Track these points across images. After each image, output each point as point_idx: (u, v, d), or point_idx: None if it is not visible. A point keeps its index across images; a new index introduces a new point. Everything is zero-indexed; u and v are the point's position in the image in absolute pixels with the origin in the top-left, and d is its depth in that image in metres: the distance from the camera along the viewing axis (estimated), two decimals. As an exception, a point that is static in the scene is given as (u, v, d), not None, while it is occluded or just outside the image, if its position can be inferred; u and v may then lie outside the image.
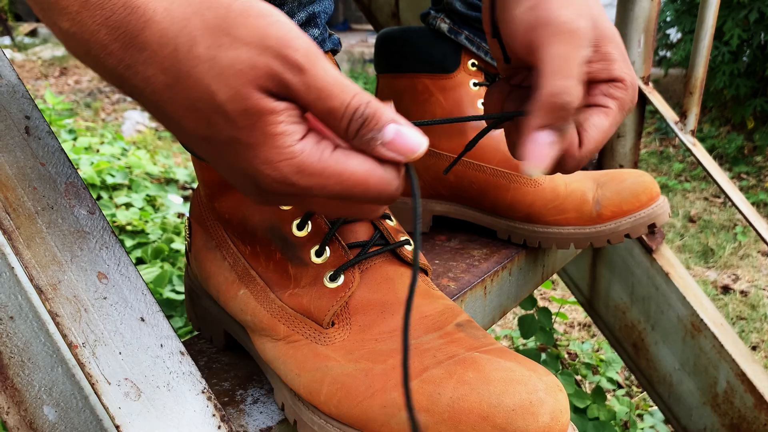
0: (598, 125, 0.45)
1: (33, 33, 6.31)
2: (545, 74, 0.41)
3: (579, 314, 1.91)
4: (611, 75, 0.45)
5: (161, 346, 0.43)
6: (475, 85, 0.77)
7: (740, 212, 0.95)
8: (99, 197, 1.71)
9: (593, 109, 0.45)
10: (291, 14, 0.43)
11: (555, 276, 1.98)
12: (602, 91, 0.45)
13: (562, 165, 0.45)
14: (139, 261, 1.41)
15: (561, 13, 0.42)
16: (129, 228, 1.53)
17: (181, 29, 0.33)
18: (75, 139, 2.18)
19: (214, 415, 0.42)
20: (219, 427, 0.42)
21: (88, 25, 0.32)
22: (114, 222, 1.53)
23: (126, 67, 0.33)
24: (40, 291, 0.40)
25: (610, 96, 0.45)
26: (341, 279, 0.46)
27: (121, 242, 1.45)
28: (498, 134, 0.76)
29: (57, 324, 0.40)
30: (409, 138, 0.36)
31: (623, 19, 0.98)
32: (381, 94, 0.80)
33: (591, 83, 0.46)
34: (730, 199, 0.96)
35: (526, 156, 0.41)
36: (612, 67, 0.45)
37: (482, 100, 0.77)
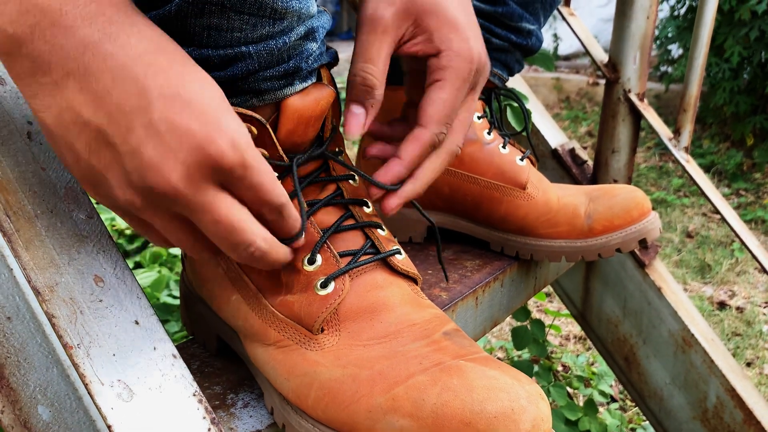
0: (435, 99, 0.51)
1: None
2: (353, 58, 0.51)
3: (575, 327, 1.91)
4: (434, 48, 0.51)
5: (154, 348, 0.44)
6: (471, 98, 0.78)
7: (731, 228, 0.96)
8: (98, 215, 1.71)
9: (430, 86, 0.52)
10: (290, 29, 0.44)
11: (550, 289, 1.99)
12: (434, 66, 0.52)
13: (411, 143, 0.51)
14: (137, 265, 1.42)
15: (368, 5, 0.51)
16: (128, 232, 1.54)
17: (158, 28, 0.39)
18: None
19: (204, 418, 0.43)
20: (209, 430, 0.43)
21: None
22: (113, 226, 1.54)
23: (105, 35, 0.36)
24: (37, 292, 0.41)
25: (440, 68, 0.51)
26: (332, 286, 0.47)
27: (120, 246, 1.46)
28: (492, 148, 0.77)
29: (53, 325, 0.41)
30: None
31: (619, 36, 0.99)
32: (381, 106, 0.81)
33: (424, 59, 0.52)
34: (723, 217, 0.97)
35: (344, 124, 0.50)
36: (432, 39, 0.51)
37: (478, 114, 0.78)
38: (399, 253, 0.51)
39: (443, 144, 0.54)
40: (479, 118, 0.78)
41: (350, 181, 0.52)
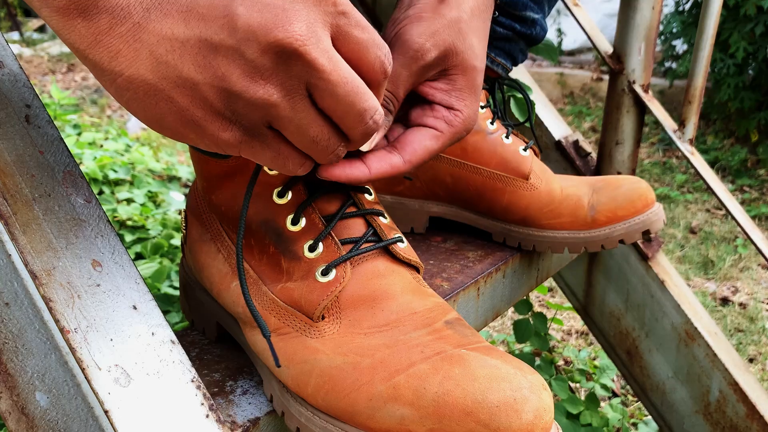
0: (426, 146, 0.53)
1: (41, 29, 6.34)
2: None
3: (577, 322, 1.91)
4: (451, 104, 0.54)
5: (153, 334, 0.44)
6: (474, 88, 0.77)
7: (735, 220, 0.95)
8: (101, 192, 1.71)
9: (428, 131, 0.54)
10: None
11: (553, 283, 1.98)
12: (441, 116, 0.54)
13: (390, 177, 0.52)
14: (139, 256, 1.41)
15: (413, 38, 0.52)
16: (129, 223, 1.54)
17: None
18: (79, 134, 2.19)
19: (202, 404, 0.43)
20: (207, 416, 0.43)
21: None
22: (115, 217, 1.54)
23: None
24: (34, 276, 0.41)
25: (447, 122, 0.54)
26: (333, 274, 0.47)
27: (121, 237, 1.46)
28: (495, 138, 0.77)
29: (50, 309, 0.41)
30: None
31: (624, 27, 0.98)
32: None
33: (433, 104, 0.54)
34: (727, 209, 0.97)
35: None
36: (453, 96, 0.54)
37: (482, 103, 0.78)
38: (401, 241, 0.51)
39: None
40: (482, 107, 0.77)
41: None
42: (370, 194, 0.52)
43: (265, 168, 0.48)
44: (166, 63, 0.36)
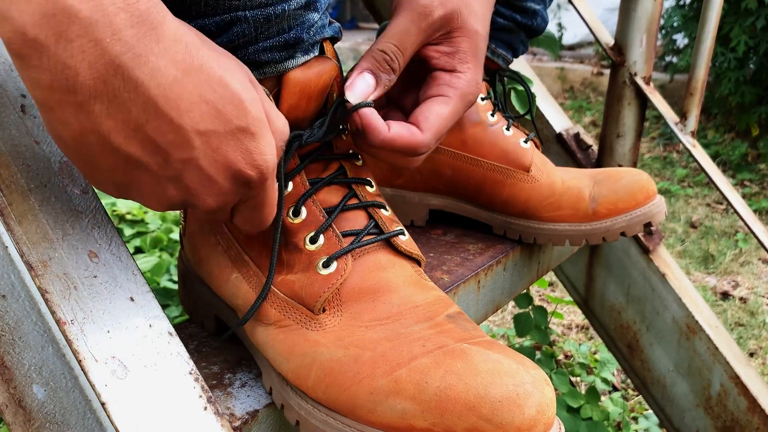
0: (439, 112, 0.53)
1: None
2: (384, 34, 0.52)
3: (577, 316, 1.91)
4: (454, 66, 0.54)
5: (150, 326, 0.43)
6: (475, 79, 0.77)
7: (737, 212, 0.95)
8: (94, 190, 1.71)
9: (435, 99, 0.54)
10: None
11: (553, 277, 1.98)
12: (445, 81, 0.54)
13: (410, 149, 0.52)
14: (138, 250, 1.41)
15: None
16: (129, 217, 1.53)
17: (187, 31, 0.35)
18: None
19: (200, 397, 0.43)
20: (205, 409, 0.42)
21: (107, 6, 0.30)
22: (114, 211, 1.54)
23: (135, 56, 0.31)
24: (30, 267, 0.40)
25: (451, 86, 0.53)
26: (334, 266, 0.46)
27: (120, 231, 1.45)
28: (495, 130, 0.76)
29: (46, 300, 0.40)
30: None
31: (625, 19, 0.98)
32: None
33: (436, 71, 0.54)
34: (729, 202, 0.96)
35: (350, 85, 0.50)
36: (456, 58, 0.54)
37: (482, 95, 0.77)
38: (402, 233, 0.50)
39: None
40: (483, 99, 0.77)
41: (353, 159, 0.51)
42: (372, 186, 0.51)
43: None
44: (89, 147, 0.35)
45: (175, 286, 1.22)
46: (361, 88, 0.50)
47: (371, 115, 0.50)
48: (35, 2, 0.29)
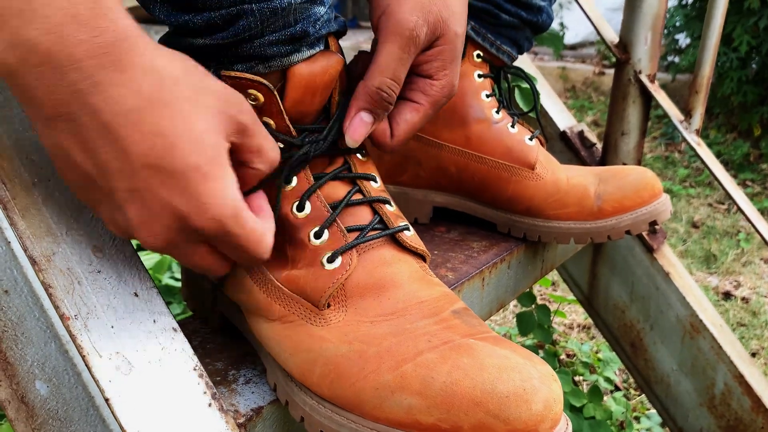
0: (409, 120, 0.52)
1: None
2: (377, 67, 0.49)
3: (578, 316, 1.90)
4: (431, 74, 0.52)
5: (154, 321, 0.43)
6: (479, 76, 0.76)
7: (741, 211, 0.94)
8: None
9: (407, 105, 0.53)
10: None
11: (555, 276, 1.98)
12: (419, 87, 0.53)
13: (377, 144, 0.52)
14: (139, 247, 1.40)
15: (405, 16, 0.49)
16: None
17: (168, 64, 0.36)
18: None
19: (205, 393, 0.42)
20: (209, 405, 0.42)
21: (69, 38, 0.33)
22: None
23: (93, 84, 0.34)
24: (33, 262, 0.40)
25: (425, 93, 0.53)
26: (339, 261, 0.46)
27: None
28: (500, 127, 0.76)
29: (50, 295, 0.40)
30: None
31: (630, 16, 0.97)
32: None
33: (413, 75, 0.52)
34: (733, 200, 0.96)
35: (348, 129, 0.49)
36: (434, 66, 0.52)
37: (487, 92, 0.77)
38: (407, 229, 0.50)
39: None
40: (488, 96, 0.76)
41: (358, 155, 0.51)
42: (376, 182, 0.51)
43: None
44: (57, 157, 0.38)
45: (177, 284, 1.21)
46: (360, 132, 0.49)
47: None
48: (5, 32, 0.32)
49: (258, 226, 0.41)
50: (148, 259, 1.25)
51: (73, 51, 0.33)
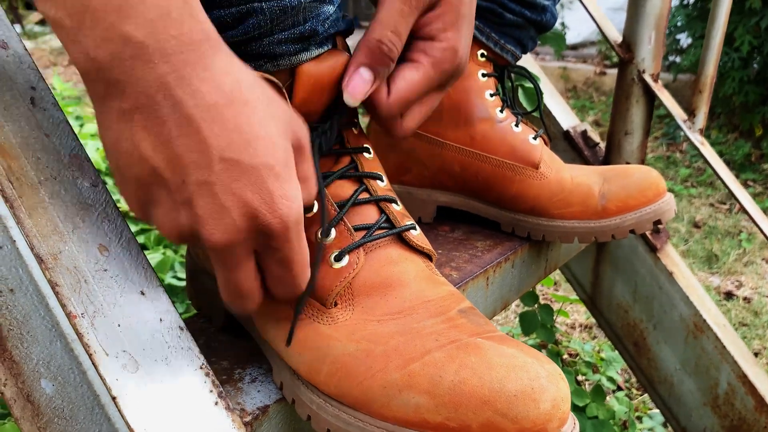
0: (407, 78, 0.50)
1: (43, 22, 6.32)
2: (378, 21, 0.47)
3: (581, 316, 1.90)
4: (432, 35, 0.50)
5: (160, 320, 0.43)
6: (483, 75, 0.76)
7: (745, 211, 0.94)
8: (104, 183, 1.70)
9: (406, 64, 0.50)
10: None
11: (558, 276, 1.97)
12: (419, 48, 0.50)
13: (373, 111, 0.50)
14: (142, 247, 1.40)
15: None
16: (133, 214, 1.53)
17: (243, 69, 0.38)
18: (82, 125, 2.18)
19: (211, 392, 0.42)
20: (216, 404, 0.42)
21: (161, 33, 0.34)
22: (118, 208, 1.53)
23: (179, 77, 0.35)
24: (40, 260, 0.40)
25: (425, 52, 0.50)
26: (346, 260, 0.46)
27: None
28: (504, 126, 0.76)
29: (56, 294, 0.40)
30: None
31: (634, 16, 0.97)
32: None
33: (414, 39, 0.51)
34: (737, 199, 0.96)
35: (348, 86, 0.47)
36: (435, 27, 0.50)
37: (491, 91, 0.77)
38: (414, 228, 0.50)
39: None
40: (492, 95, 0.76)
41: (365, 153, 0.51)
42: (383, 181, 0.51)
43: None
44: (120, 154, 0.38)
45: (180, 283, 1.21)
46: (359, 88, 0.48)
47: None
48: (100, 28, 0.34)
49: (307, 252, 0.41)
50: (150, 259, 1.25)
51: (165, 45, 0.34)
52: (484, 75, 0.77)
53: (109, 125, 0.37)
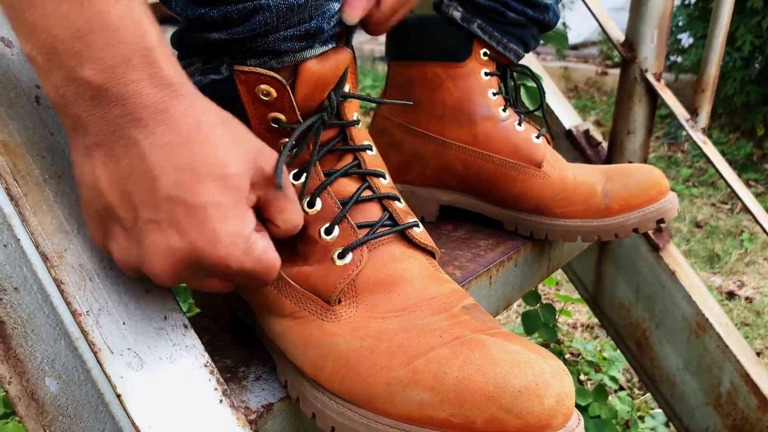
0: None
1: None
2: None
3: (582, 315, 1.90)
4: None
5: (165, 318, 0.43)
6: (486, 74, 0.76)
7: (748, 211, 0.94)
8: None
9: None
10: None
11: (560, 276, 1.97)
12: None
13: (366, 24, 0.50)
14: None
15: None
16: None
17: (207, 110, 0.39)
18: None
19: (216, 389, 0.42)
20: (220, 401, 0.42)
21: (120, 78, 0.36)
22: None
23: (135, 119, 0.37)
24: (45, 258, 0.40)
25: None
26: (349, 257, 0.46)
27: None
28: (507, 125, 0.76)
29: (62, 291, 0.40)
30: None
31: (636, 15, 0.97)
32: (392, 82, 0.80)
33: None
34: (739, 198, 0.96)
35: (346, 5, 0.47)
36: None
37: (493, 90, 0.77)
38: (417, 225, 0.50)
39: None
40: (494, 94, 0.76)
41: (368, 151, 0.51)
42: (386, 178, 0.51)
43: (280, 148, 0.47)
44: (83, 186, 0.40)
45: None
46: (358, 5, 0.47)
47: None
48: (64, 69, 0.36)
49: (269, 255, 0.41)
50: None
51: (123, 90, 0.36)
52: (486, 74, 0.77)
53: (75, 158, 0.39)
